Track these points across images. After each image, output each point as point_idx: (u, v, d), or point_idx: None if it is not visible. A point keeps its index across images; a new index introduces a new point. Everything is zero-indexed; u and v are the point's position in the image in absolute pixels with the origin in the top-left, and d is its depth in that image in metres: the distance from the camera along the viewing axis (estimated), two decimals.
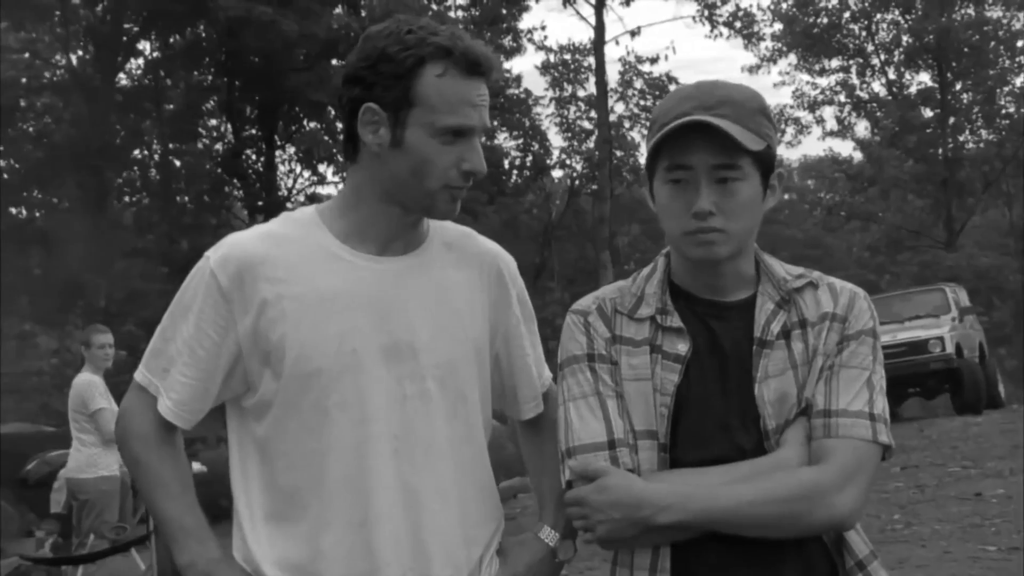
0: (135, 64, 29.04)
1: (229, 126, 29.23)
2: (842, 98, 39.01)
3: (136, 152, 29.69)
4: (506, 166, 31.30)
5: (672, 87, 32.32)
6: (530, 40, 31.82)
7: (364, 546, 1.91)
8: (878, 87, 38.93)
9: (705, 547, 1.81)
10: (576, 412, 1.90)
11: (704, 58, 77.88)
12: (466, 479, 2.02)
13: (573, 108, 33.70)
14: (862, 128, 39.74)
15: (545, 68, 33.32)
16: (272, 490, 1.95)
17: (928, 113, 37.04)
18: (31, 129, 28.78)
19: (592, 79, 31.97)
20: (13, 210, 29.67)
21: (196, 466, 8.29)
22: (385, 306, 1.96)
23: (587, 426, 1.88)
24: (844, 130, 39.60)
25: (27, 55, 26.88)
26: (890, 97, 38.01)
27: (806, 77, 39.15)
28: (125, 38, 27.27)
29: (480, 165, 1.93)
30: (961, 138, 37.24)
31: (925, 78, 37.77)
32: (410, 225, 2.01)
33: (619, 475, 1.83)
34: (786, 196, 51.42)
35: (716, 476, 1.81)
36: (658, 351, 1.89)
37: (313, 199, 28.07)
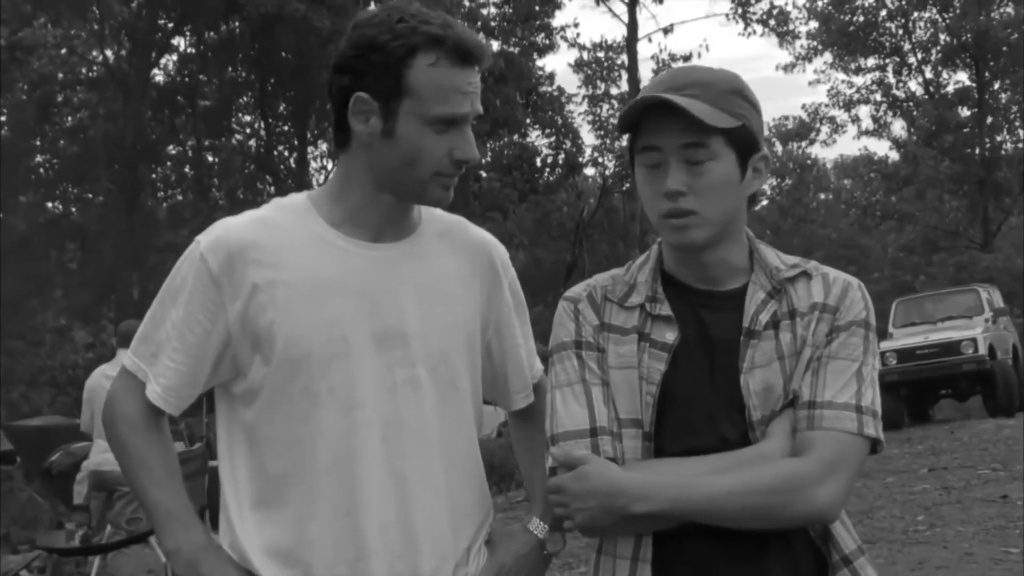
0: (170, 60, 29.34)
1: (262, 122, 29.42)
2: (878, 97, 38.69)
3: (170, 148, 30.00)
4: (538, 164, 31.23)
5: None
6: (563, 38, 31.73)
7: (352, 533, 1.89)
8: (915, 86, 38.58)
9: (687, 538, 1.79)
10: (561, 399, 1.88)
11: (743, 56, 77.38)
12: (455, 468, 2.00)
13: (606, 106, 33.57)
14: (898, 127, 39.45)
15: (578, 66, 33.21)
16: (260, 476, 1.94)
17: (965, 112, 36.65)
18: (67, 124, 29.12)
19: (625, 77, 31.88)
20: (49, 205, 30.06)
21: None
22: (376, 293, 1.94)
23: (571, 413, 1.86)
24: (880, 129, 39.34)
25: (63, 51, 27.16)
26: (927, 96, 37.63)
27: (842, 76, 38.75)
28: (160, 34, 27.54)
29: (472, 153, 1.91)
30: (999, 138, 36.87)
31: (962, 77, 37.38)
32: (402, 212, 1.99)
33: (597, 463, 1.80)
34: (821, 195, 51.63)
35: (696, 466, 1.78)
36: (646, 339, 1.86)
37: None
